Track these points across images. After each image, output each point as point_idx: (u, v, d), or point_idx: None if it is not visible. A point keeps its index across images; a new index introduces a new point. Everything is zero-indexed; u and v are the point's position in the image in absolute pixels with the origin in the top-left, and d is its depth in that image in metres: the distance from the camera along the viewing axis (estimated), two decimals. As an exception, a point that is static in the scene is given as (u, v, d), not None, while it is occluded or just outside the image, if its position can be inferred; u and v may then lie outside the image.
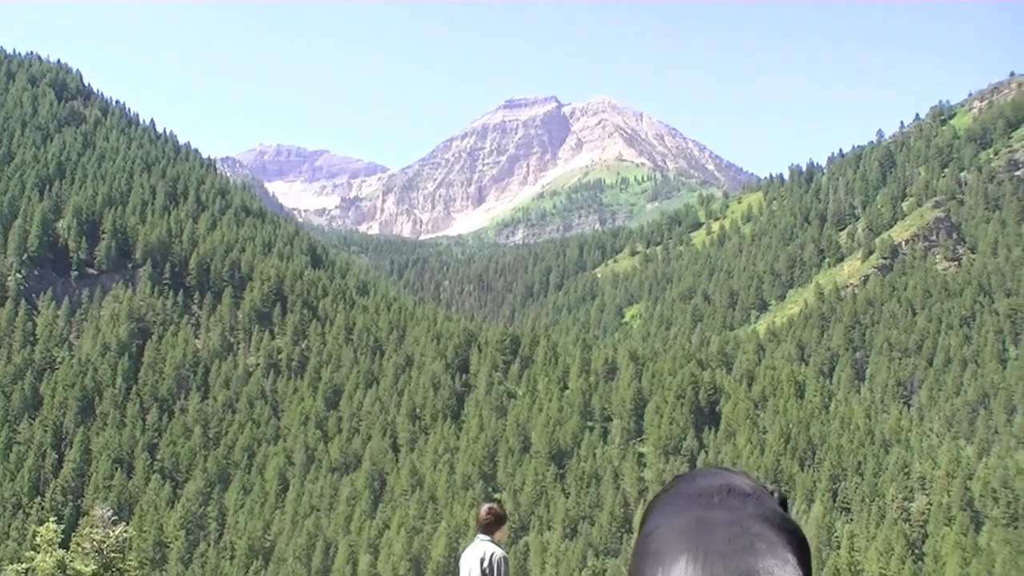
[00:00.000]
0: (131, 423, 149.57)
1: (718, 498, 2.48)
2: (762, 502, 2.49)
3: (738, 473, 2.70)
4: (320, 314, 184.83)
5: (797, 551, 2.33)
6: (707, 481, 2.59)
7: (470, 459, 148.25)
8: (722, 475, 2.62)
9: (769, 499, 2.53)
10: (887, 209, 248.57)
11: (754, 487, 2.57)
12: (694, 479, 2.64)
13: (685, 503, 2.52)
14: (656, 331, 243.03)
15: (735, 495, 2.49)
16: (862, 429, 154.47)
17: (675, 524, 2.44)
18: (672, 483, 2.71)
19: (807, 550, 2.39)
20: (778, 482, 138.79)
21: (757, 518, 2.39)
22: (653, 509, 2.63)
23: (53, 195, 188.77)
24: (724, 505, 2.45)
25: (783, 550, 2.28)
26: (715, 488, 2.53)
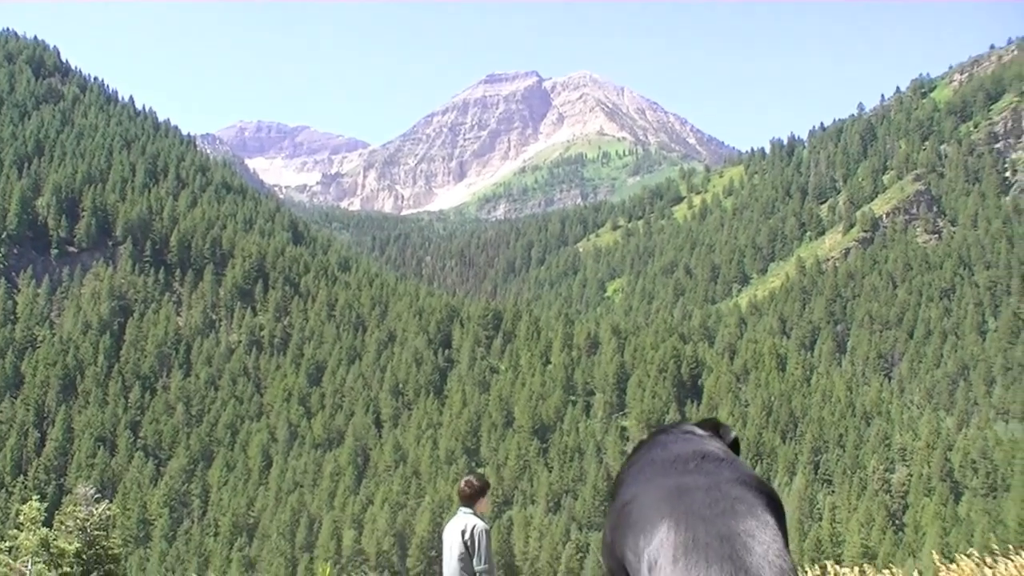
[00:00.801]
0: (113, 401, 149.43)
1: (693, 464, 2.49)
2: (736, 466, 2.50)
3: (704, 436, 2.73)
4: (302, 290, 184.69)
5: (774, 513, 2.34)
6: (680, 447, 2.60)
7: (453, 434, 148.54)
8: (693, 440, 2.64)
9: (742, 463, 2.55)
10: (868, 182, 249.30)
11: (725, 452, 2.58)
12: (666, 446, 2.65)
13: (660, 470, 2.53)
14: (638, 305, 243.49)
15: (709, 460, 2.50)
16: (843, 402, 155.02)
17: (652, 492, 2.44)
18: (642, 449, 2.76)
19: (782, 512, 2.40)
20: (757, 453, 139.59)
21: (734, 482, 2.39)
22: (626, 479, 2.68)
23: (32, 173, 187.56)
24: (700, 470, 2.45)
25: (762, 512, 2.28)
26: (689, 454, 2.54)
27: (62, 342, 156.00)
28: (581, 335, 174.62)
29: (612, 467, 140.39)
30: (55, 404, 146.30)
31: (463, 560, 9.71)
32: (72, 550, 19.69)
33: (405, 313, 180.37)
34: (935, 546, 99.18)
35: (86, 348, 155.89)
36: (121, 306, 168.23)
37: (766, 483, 2.45)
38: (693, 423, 2.98)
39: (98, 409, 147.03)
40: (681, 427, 2.81)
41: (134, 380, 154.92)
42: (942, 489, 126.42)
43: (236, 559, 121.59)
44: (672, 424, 2.88)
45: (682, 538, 2.19)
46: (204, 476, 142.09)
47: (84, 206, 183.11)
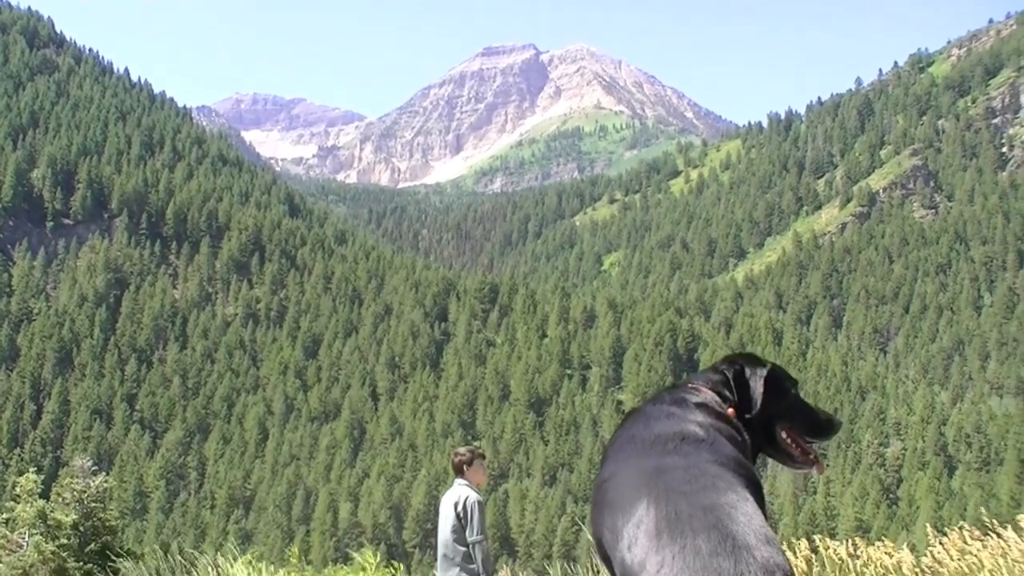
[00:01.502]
0: (109, 374, 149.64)
1: (672, 444, 2.49)
2: (716, 447, 2.48)
3: (689, 409, 2.69)
4: (298, 263, 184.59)
5: (753, 492, 2.33)
6: (661, 426, 2.59)
7: (449, 407, 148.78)
8: (676, 420, 2.60)
9: (722, 443, 2.52)
10: (865, 157, 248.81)
11: (707, 433, 2.55)
12: (648, 422, 2.64)
13: (639, 450, 2.53)
14: (635, 279, 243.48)
15: (689, 442, 2.49)
16: (839, 376, 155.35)
17: (631, 471, 2.45)
18: (628, 421, 2.76)
19: (761, 493, 2.39)
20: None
21: (714, 462, 2.39)
22: (608, 454, 2.69)
23: (27, 145, 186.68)
24: (679, 451, 2.45)
25: (742, 489, 2.28)
26: (669, 435, 2.53)
27: (58, 315, 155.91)
28: (577, 309, 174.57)
29: (608, 441, 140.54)
30: (51, 377, 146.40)
31: (456, 532, 9.76)
32: (69, 522, 19.76)
33: (401, 286, 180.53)
34: (928, 519, 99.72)
35: (82, 321, 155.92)
36: (117, 279, 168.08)
37: (745, 464, 2.47)
38: (716, 369, 2.97)
39: (94, 382, 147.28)
40: (675, 394, 2.79)
41: (130, 353, 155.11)
42: (936, 463, 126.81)
43: (232, 531, 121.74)
44: (670, 389, 2.88)
45: (664, 512, 2.19)
46: (200, 449, 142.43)
47: (80, 178, 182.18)
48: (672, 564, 2.07)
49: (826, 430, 2.87)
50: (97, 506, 21.05)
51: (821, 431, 2.87)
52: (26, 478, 21.03)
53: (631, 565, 2.19)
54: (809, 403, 2.90)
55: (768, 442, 2.81)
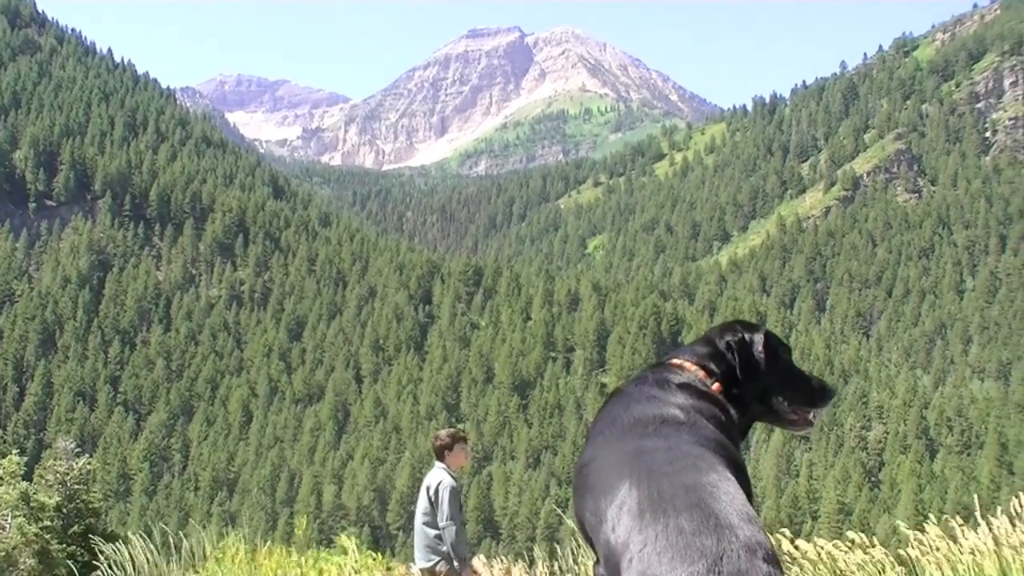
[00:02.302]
0: (93, 356, 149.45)
1: (652, 427, 2.48)
2: (696, 429, 2.48)
3: (670, 390, 2.66)
4: (282, 245, 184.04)
5: (735, 472, 2.34)
6: (642, 409, 2.57)
7: (433, 390, 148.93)
8: (656, 403, 2.59)
9: (703, 425, 2.51)
10: (849, 141, 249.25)
11: (687, 416, 2.53)
12: (629, 404, 2.63)
13: (619, 433, 2.52)
14: (619, 262, 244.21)
15: (669, 424, 2.48)
16: (822, 359, 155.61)
17: (611, 454, 2.45)
18: (608, 405, 2.73)
19: (745, 474, 2.40)
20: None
21: (694, 443, 2.39)
22: (590, 437, 2.67)
23: (9, 125, 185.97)
24: (659, 434, 2.45)
25: (723, 469, 2.29)
26: (649, 418, 2.52)
27: (41, 296, 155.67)
28: (562, 292, 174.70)
29: (590, 423, 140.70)
30: (34, 359, 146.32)
31: (427, 515, 9.80)
32: (52, 504, 19.76)
33: (386, 269, 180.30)
34: (910, 503, 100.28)
35: (65, 302, 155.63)
36: (100, 260, 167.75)
37: (727, 445, 2.48)
38: (707, 340, 2.88)
39: (77, 364, 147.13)
40: (658, 374, 2.76)
41: (114, 335, 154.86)
42: (918, 447, 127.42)
43: (216, 514, 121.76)
44: (653, 367, 2.84)
45: (646, 492, 2.21)
46: (184, 431, 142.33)
47: (62, 159, 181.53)
48: (656, 543, 2.08)
49: (822, 397, 2.85)
50: (80, 488, 21.05)
51: (816, 399, 2.84)
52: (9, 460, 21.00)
53: (615, 546, 2.19)
54: (803, 371, 2.69)
55: (764, 412, 2.80)
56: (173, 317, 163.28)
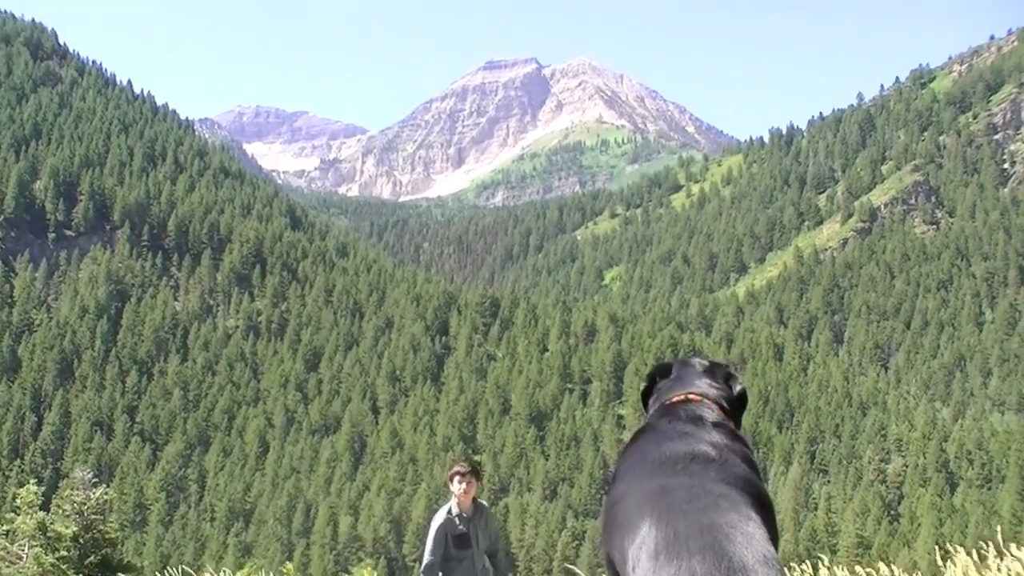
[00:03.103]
0: (110, 385, 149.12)
1: (681, 465, 2.46)
2: (726, 467, 2.45)
3: (705, 425, 2.65)
4: (300, 276, 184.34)
5: (761, 512, 2.32)
6: (673, 447, 2.55)
7: (450, 421, 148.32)
8: (689, 440, 2.56)
9: (734, 463, 2.49)
10: (866, 172, 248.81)
11: (719, 453, 2.52)
12: (660, 442, 2.60)
13: (648, 471, 2.50)
14: (636, 294, 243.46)
15: (698, 462, 2.46)
16: (840, 392, 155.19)
17: (638, 493, 2.42)
18: (639, 441, 2.71)
19: (771, 512, 2.41)
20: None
21: (720, 481, 2.37)
22: (619, 473, 2.65)
23: (29, 156, 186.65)
24: (687, 471, 2.42)
25: (746, 508, 2.25)
26: (679, 455, 2.50)
27: (59, 326, 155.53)
28: (578, 323, 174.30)
29: (609, 455, 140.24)
30: (52, 388, 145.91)
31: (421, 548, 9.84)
32: (69, 534, 19.69)
33: (403, 299, 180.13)
34: (930, 537, 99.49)
35: (83, 332, 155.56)
36: (118, 290, 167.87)
37: (755, 483, 2.44)
38: (701, 362, 3.00)
39: (95, 393, 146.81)
40: (690, 411, 2.73)
41: (131, 364, 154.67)
42: (937, 480, 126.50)
43: (232, 544, 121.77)
44: (683, 402, 2.80)
45: (663, 533, 2.17)
46: (201, 461, 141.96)
47: (82, 190, 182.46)
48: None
49: None
50: (97, 518, 20.97)
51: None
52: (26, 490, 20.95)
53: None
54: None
55: None
56: (190, 347, 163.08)
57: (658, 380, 3.10)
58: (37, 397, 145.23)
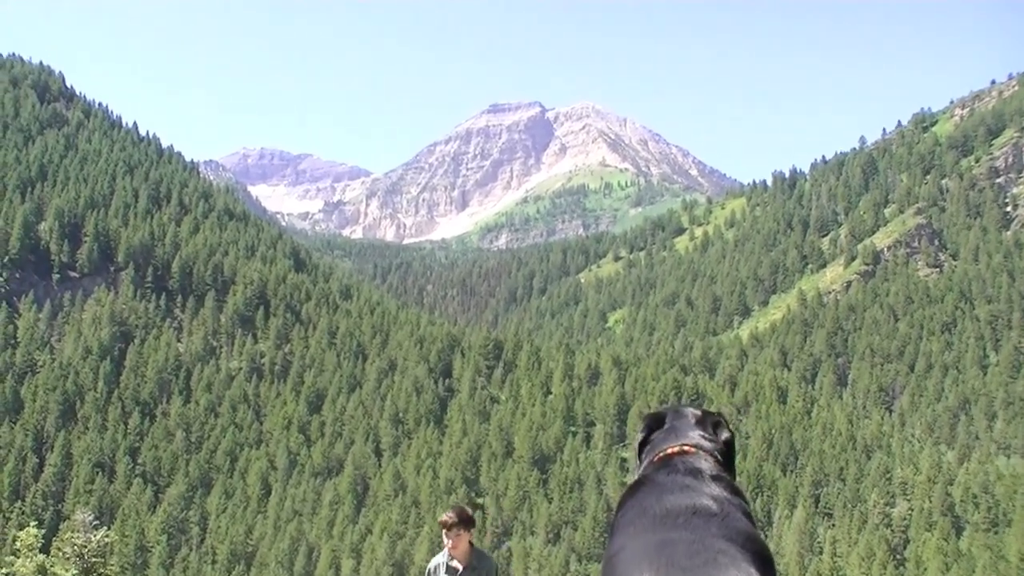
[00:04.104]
0: (113, 427, 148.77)
1: (683, 519, 2.45)
2: (728, 522, 2.45)
3: (704, 479, 2.63)
4: (303, 318, 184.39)
5: (761, 568, 2.30)
6: (674, 500, 2.54)
7: (453, 464, 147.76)
8: (690, 493, 2.56)
9: (736, 517, 2.48)
10: (869, 215, 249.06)
11: (720, 507, 2.51)
12: (661, 495, 2.59)
13: (649, 524, 2.49)
14: (639, 336, 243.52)
15: (700, 516, 2.45)
16: (844, 435, 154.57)
17: (638, 547, 2.41)
18: (638, 494, 2.68)
19: (772, 567, 2.37)
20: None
21: (721, 537, 2.36)
22: (619, 524, 2.63)
23: (35, 197, 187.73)
24: (688, 526, 2.42)
25: (746, 565, 2.24)
26: (680, 509, 2.50)
27: (62, 367, 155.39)
28: (582, 366, 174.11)
29: (612, 499, 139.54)
30: (54, 429, 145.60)
31: None
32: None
33: (406, 342, 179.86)
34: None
35: (86, 373, 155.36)
36: (122, 331, 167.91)
37: (757, 539, 2.42)
38: (693, 413, 3.01)
39: (97, 435, 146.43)
40: (688, 463, 2.72)
41: (134, 406, 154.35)
42: (943, 524, 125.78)
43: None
44: (680, 455, 2.79)
45: None
46: (203, 503, 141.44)
47: (86, 231, 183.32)
48: None
49: None
50: (98, 561, 20.89)
51: None
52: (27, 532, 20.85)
53: None
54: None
55: None
56: (193, 389, 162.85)
57: (653, 431, 3.09)
58: (39, 438, 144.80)
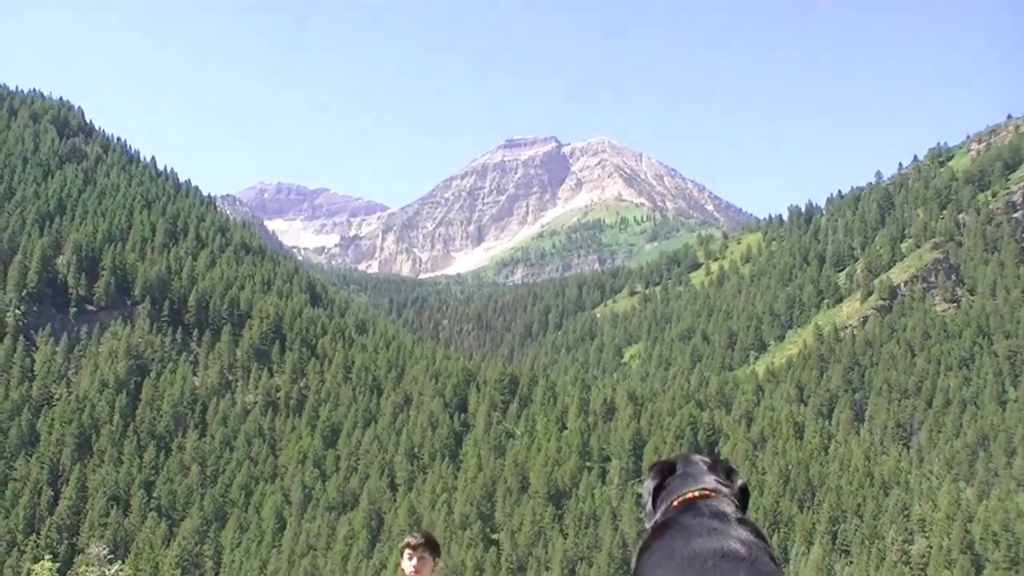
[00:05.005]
0: (128, 460, 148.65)
1: (711, 563, 2.45)
2: (756, 566, 2.45)
3: (731, 522, 2.64)
4: (319, 352, 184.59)
5: None
6: (702, 543, 2.53)
7: (468, 499, 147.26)
8: (718, 537, 2.55)
9: (764, 561, 2.48)
10: (886, 250, 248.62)
11: (748, 551, 2.51)
12: (688, 538, 2.59)
13: (678, 568, 2.49)
14: (655, 371, 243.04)
15: (728, 559, 2.45)
16: (861, 471, 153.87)
17: None
18: (664, 536, 2.69)
19: None
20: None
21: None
22: (644, 568, 2.64)
23: (53, 231, 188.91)
24: (717, 570, 2.42)
25: None
26: (709, 553, 2.49)
27: (78, 400, 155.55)
28: (597, 401, 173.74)
29: (628, 534, 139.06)
30: (70, 462, 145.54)
31: None
32: (84, 610, 19.57)
33: (421, 376, 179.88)
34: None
35: (102, 407, 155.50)
36: (138, 365, 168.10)
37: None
38: (703, 459, 3.08)
39: (113, 468, 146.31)
40: (712, 506, 2.71)
41: (149, 439, 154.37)
42: (963, 561, 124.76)
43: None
44: (703, 498, 2.79)
45: None
46: (217, 537, 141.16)
47: (104, 265, 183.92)
48: None
49: None
50: (112, 595, 20.81)
51: None
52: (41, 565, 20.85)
53: None
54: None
55: None
56: (209, 422, 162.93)
57: (666, 476, 3.16)
58: (54, 471, 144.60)
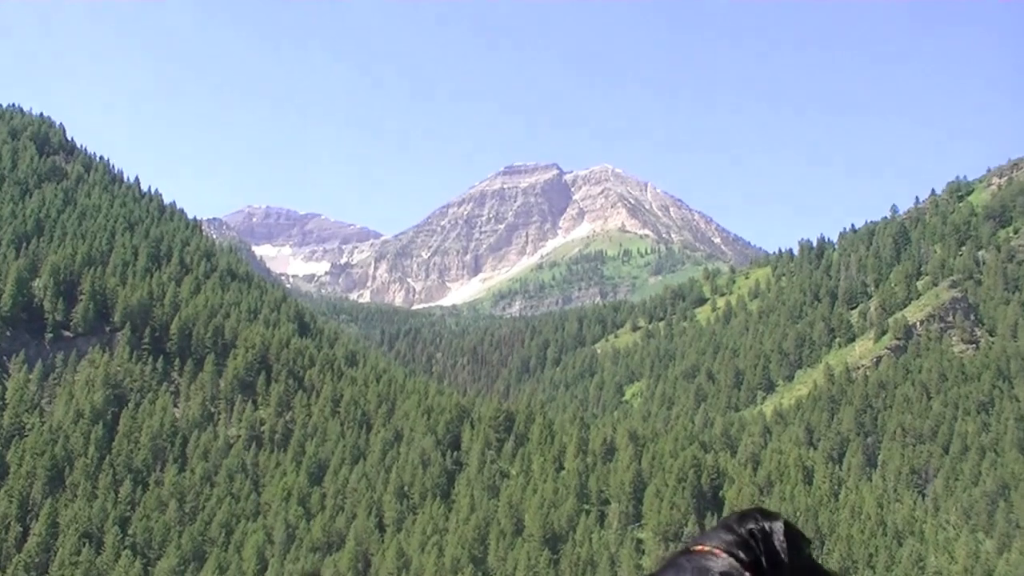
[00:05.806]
0: (103, 495, 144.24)
1: None
2: None
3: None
4: (306, 385, 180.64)
5: None
6: None
7: (460, 541, 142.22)
8: None
9: None
10: (901, 288, 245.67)
11: None
12: None
13: None
14: (657, 411, 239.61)
15: None
16: (874, 519, 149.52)
17: None
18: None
19: None
20: None
21: None
22: None
23: (30, 253, 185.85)
24: None
25: None
26: None
27: (52, 431, 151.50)
28: (597, 440, 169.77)
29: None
30: (40, 496, 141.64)
31: None
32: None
33: (413, 412, 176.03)
34: None
35: (77, 438, 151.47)
36: (116, 395, 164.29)
37: None
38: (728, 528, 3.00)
39: (86, 503, 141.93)
40: (695, 561, 2.73)
41: (125, 473, 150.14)
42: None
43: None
44: (685, 553, 2.83)
45: None
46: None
47: (83, 289, 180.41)
48: None
49: None
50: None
51: None
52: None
53: None
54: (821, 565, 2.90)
55: None
56: (189, 456, 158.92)
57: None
58: (24, 506, 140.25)
